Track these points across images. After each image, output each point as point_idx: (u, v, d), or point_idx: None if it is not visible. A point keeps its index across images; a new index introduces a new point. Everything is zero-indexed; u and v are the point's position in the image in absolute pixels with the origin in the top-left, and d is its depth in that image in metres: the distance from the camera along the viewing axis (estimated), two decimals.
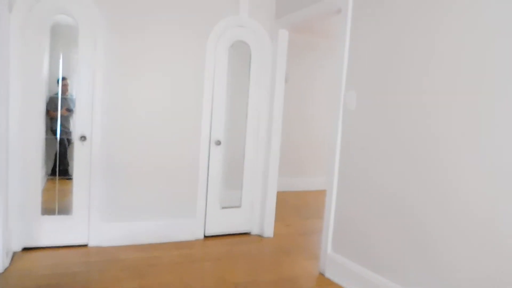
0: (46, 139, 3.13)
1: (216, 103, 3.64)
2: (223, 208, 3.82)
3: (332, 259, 2.94)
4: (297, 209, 5.25)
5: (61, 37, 3.14)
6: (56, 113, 3.17)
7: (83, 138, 3.15)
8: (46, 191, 3.19)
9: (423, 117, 2.25)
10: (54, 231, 3.15)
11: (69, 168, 3.26)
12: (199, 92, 3.55)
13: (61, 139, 3.23)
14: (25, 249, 3.09)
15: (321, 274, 3.03)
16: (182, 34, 3.44)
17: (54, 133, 3.19)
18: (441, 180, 2.14)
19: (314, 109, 6.74)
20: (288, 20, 3.62)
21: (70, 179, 3.20)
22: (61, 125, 3.20)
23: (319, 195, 6.37)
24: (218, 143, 3.66)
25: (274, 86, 3.81)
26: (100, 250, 3.24)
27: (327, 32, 6.25)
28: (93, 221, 3.26)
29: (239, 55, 3.82)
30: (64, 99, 3.19)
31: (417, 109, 2.29)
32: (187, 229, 3.62)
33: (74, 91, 3.17)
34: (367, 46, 2.69)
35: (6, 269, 2.73)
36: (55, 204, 3.21)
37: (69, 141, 3.25)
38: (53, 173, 3.24)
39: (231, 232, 3.86)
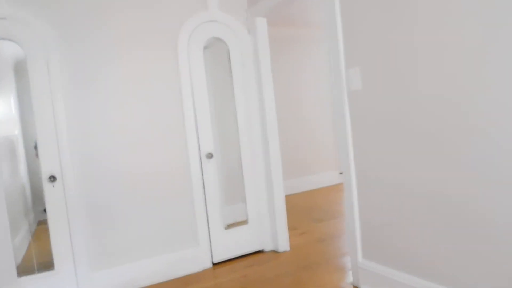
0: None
1: (199, 112, 3.19)
2: (228, 226, 3.37)
3: (365, 268, 2.50)
4: (307, 212, 4.80)
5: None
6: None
7: (52, 178, 2.68)
8: (35, 241, 2.73)
9: (462, 88, 1.83)
10: None
11: None
12: (178, 103, 3.10)
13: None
14: None
15: (355, 287, 2.59)
16: (148, 41, 3.00)
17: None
18: (492, 169, 1.72)
19: (306, 103, 6.34)
20: (263, 6, 3.19)
21: None
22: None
23: (326, 193, 5.95)
24: (210, 156, 3.21)
25: (261, 84, 3.38)
26: None
27: (308, 21, 5.87)
28: (81, 273, 2.78)
29: (217, 56, 3.39)
30: None
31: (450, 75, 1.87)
32: (192, 260, 3.16)
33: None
34: (366, 7, 2.27)
35: None
36: (36, 260, 2.73)
37: None
38: None
39: (242, 254, 3.40)
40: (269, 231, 3.50)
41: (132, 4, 2.95)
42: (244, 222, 3.43)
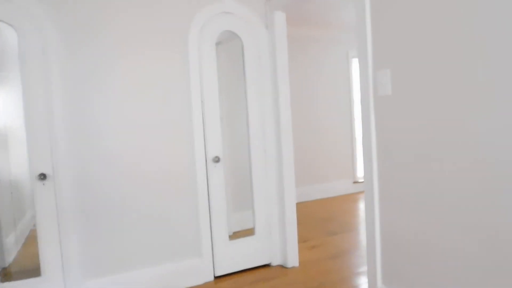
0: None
1: (208, 112, 2.93)
2: (234, 234, 3.12)
3: None
4: (319, 222, 4.51)
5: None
6: None
7: (42, 176, 2.45)
8: (28, 245, 2.53)
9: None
10: None
11: None
12: (185, 102, 2.84)
13: None
14: None
15: None
16: (157, 34, 2.75)
17: None
18: None
19: (322, 107, 6.05)
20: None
21: None
22: None
23: (340, 202, 5.64)
24: (217, 160, 2.95)
25: (276, 84, 3.11)
26: None
27: (328, 22, 5.57)
28: (71, 281, 2.54)
29: (231, 52, 3.14)
30: None
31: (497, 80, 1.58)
32: (193, 271, 2.90)
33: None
34: None
35: None
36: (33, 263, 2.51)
37: None
38: None
39: (247, 267, 3.13)
40: (277, 243, 3.22)
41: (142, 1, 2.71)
42: (251, 231, 3.16)
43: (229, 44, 3.19)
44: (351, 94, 6.34)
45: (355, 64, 6.44)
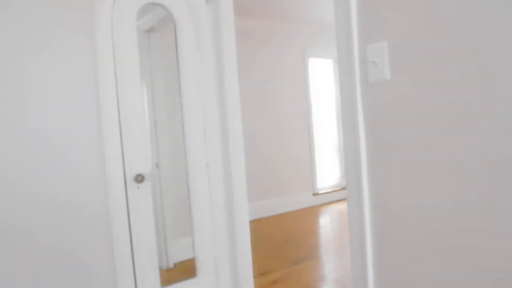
0: None
1: (128, 116, 2.11)
2: (175, 267, 2.43)
3: None
4: (280, 247, 3.79)
5: None
6: None
7: None
8: None
9: None
10: None
11: None
12: (90, 101, 2.01)
13: None
14: None
15: None
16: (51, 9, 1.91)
17: None
18: None
19: (278, 112, 5.39)
20: None
21: None
22: None
23: (301, 217, 4.96)
24: (140, 179, 2.13)
25: (223, 78, 2.37)
26: None
27: (287, 14, 4.94)
28: None
29: (166, 41, 2.39)
30: None
31: None
32: None
33: None
34: None
35: None
36: None
37: None
38: None
39: None
40: (227, 282, 2.45)
41: None
42: (192, 276, 2.38)
43: (165, 32, 2.44)
44: (309, 97, 5.74)
45: (312, 64, 5.85)
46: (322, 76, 6.06)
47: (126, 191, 2.10)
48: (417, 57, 1.27)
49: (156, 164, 2.63)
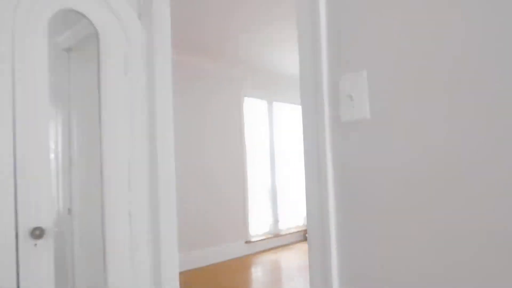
0: None
1: (26, 153, 1.63)
2: None
3: None
4: None
5: None
6: None
7: None
8: None
9: None
10: None
11: None
12: None
13: None
14: None
15: None
16: None
17: None
18: None
19: (213, 152, 5.05)
20: None
21: None
22: None
23: (234, 268, 4.54)
24: (38, 233, 1.62)
25: (154, 111, 2.00)
26: None
27: (224, 53, 4.73)
28: None
29: (90, 64, 1.99)
30: None
31: None
32: None
33: None
34: None
35: None
36: None
37: None
38: None
39: None
40: None
41: None
42: None
43: (89, 52, 2.03)
44: (243, 139, 5.49)
45: (248, 104, 5.66)
46: (256, 117, 5.89)
47: (17, 250, 1.58)
48: (407, 90, 1.03)
49: (68, 209, 2.16)
